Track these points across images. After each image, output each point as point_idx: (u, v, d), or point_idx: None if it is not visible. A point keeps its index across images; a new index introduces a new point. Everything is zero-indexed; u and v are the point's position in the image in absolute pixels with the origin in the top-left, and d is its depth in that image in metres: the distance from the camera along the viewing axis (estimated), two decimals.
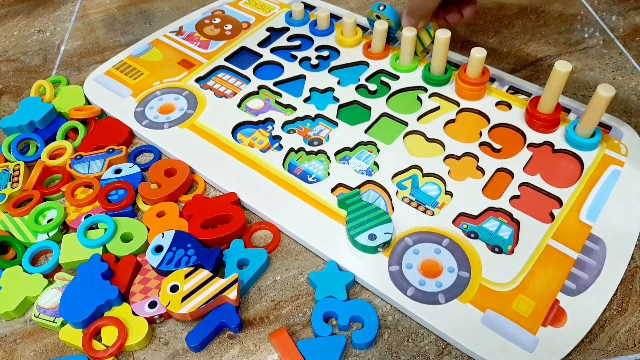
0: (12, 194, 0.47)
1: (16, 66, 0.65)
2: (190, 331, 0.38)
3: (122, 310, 0.40)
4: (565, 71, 0.45)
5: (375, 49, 0.58)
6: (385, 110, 0.53)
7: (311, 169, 0.49)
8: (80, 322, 0.38)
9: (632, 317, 0.38)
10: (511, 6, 0.68)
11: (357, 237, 0.41)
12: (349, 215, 0.43)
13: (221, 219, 0.45)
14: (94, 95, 0.57)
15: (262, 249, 0.43)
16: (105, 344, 0.38)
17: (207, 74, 0.59)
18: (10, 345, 0.40)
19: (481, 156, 0.48)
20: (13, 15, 0.74)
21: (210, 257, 0.41)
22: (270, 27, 0.64)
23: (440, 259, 0.41)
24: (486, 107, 0.52)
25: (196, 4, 0.71)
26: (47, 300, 0.41)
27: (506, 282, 0.39)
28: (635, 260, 0.42)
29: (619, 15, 0.65)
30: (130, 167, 0.49)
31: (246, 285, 0.41)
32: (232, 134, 0.52)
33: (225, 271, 0.41)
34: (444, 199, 0.46)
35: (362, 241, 0.41)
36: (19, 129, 0.53)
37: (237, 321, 0.38)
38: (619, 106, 0.53)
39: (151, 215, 0.45)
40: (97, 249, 0.43)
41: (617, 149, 0.48)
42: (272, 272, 0.43)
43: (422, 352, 0.38)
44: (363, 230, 0.41)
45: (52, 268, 0.43)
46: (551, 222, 0.43)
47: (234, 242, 0.43)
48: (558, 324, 0.37)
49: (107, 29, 0.69)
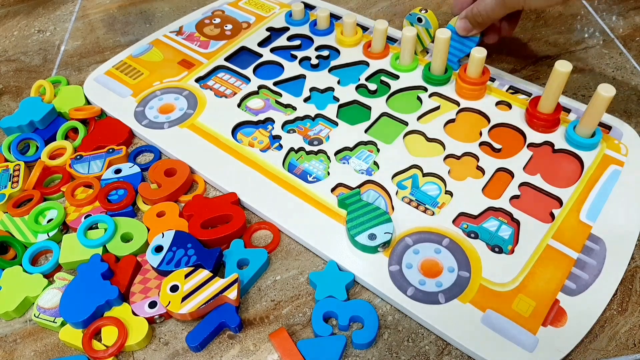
0: (12, 194, 0.47)
1: (16, 66, 0.65)
2: (190, 331, 0.38)
3: (122, 310, 0.40)
4: (565, 71, 0.45)
5: (375, 48, 0.58)
6: (385, 110, 0.53)
7: (311, 168, 0.49)
8: (80, 322, 0.38)
9: (632, 317, 0.38)
10: None
11: (357, 237, 0.41)
12: (348, 215, 0.43)
13: (221, 219, 0.45)
14: (94, 95, 0.57)
15: (262, 249, 0.43)
16: (105, 344, 0.38)
17: (207, 74, 0.59)
18: (10, 345, 0.40)
19: (481, 156, 0.48)
20: (13, 15, 0.74)
21: (210, 257, 0.41)
22: (270, 27, 0.64)
23: (440, 259, 0.41)
24: (486, 107, 0.52)
25: (196, 4, 0.71)
26: (47, 300, 0.41)
27: (506, 282, 0.39)
28: (635, 260, 0.42)
29: (619, 15, 0.65)
30: (130, 167, 0.49)
31: (246, 285, 0.41)
32: (232, 134, 0.52)
33: (225, 271, 0.41)
34: (444, 198, 0.46)
35: (362, 241, 0.41)
36: (19, 129, 0.53)
37: (237, 321, 0.38)
38: (619, 106, 0.53)
39: (151, 215, 0.45)
40: (97, 249, 0.43)
41: (617, 149, 0.48)
42: (272, 272, 0.43)
43: (422, 352, 0.38)
44: (363, 230, 0.41)
45: (52, 268, 0.43)
46: (551, 222, 0.43)
47: (234, 242, 0.43)
48: (558, 324, 0.37)
49: (107, 29, 0.69)
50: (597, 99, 0.44)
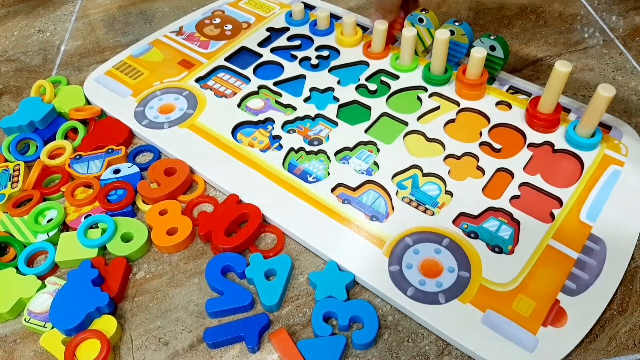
0: (12, 194, 0.47)
1: (16, 66, 0.65)
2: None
3: (107, 323, 0.39)
4: (565, 71, 0.45)
5: (375, 48, 0.58)
6: (385, 110, 0.53)
7: (311, 168, 0.49)
8: (70, 329, 0.38)
9: (632, 317, 0.38)
10: (511, 6, 0.68)
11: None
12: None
13: (237, 220, 0.44)
14: (94, 95, 0.57)
15: (284, 255, 0.42)
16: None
17: (207, 74, 0.59)
18: (10, 345, 0.40)
19: (481, 156, 0.48)
20: (13, 15, 0.73)
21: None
22: (270, 27, 0.64)
23: (441, 259, 0.41)
24: (486, 107, 0.52)
25: (196, 4, 0.71)
26: (37, 305, 0.40)
27: (506, 282, 0.39)
28: (635, 260, 0.42)
29: (619, 15, 0.65)
30: (129, 167, 0.49)
31: (282, 294, 0.40)
32: (232, 134, 0.52)
33: (256, 286, 0.40)
34: (444, 198, 0.46)
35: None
36: (19, 129, 0.53)
37: (255, 342, 0.38)
38: (619, 106, 0.53)
39: (153, 213, 0.45)
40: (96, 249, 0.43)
41: (617, 149, 0.48)
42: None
43: (422, 352, 0.38)
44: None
45: (48, 269, 0.43)
46: (551, 222, 0.43)
47: (252, 257, 0.42)
48: (558, 324, 0.37)
49: (107, 29, 0.69)
50: (597, 99, 0.44)
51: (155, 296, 0.42)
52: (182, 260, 0.44)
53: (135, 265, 0.44)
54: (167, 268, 0.43)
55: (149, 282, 0.43)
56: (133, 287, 0.42)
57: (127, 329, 0.40)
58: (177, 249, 0.44)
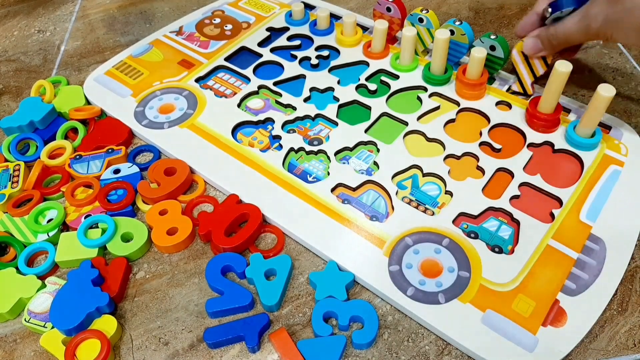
0: (12, 194, 0.47)
1: (16, 66, 0.65)
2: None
3: (107, 323, 0.39)
4: (565, 71, 0.45)
5: (375, 48, 0.58)
6: (385, 110, 0.53)
7: (311, 168, 0.49)
8: (71, 329, 0.38)
9: (632, 317, 0.38)
10: (511, 6, 0.68)
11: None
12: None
13: (237, 220, 0.44)
14: (94, 95, 0.57)
15: (284, 255, 0.42)
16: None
17: (207, 74, 0.59)
18: (10, 345, 0.40)
19: (481, 156, 0.48)
20: (13, 15, 0.74)
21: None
22: (270, 27, 0.64)
23: (440, 259, 0.41)
24: (486, 107, 0.52)
25: (196, 4, 0.71)
26: (37, 305, 0.40)
27: (506, 282, 0.39)
28: (635, 260, 0.42)
29: None
30: (129, 167, 0.49)
31: (282, 293, 0.40)
32: (232, 134, 0.52)
33: (256, 286, 0.40)
34: (444, 198, 0.46)
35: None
36: (19, 129, 0.53)
37: (255, 342, 0.38)
38: (619, 106, 0.53)
39: (153, 213, 0.45)
40: (96, 249, 0.43)
41: (617, 149, 0.48)
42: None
43: (422, 352, 0.38)
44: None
45: (48, 269, 0.43)
46: (551, 222, 0.43)
47: (252, 257, 0.42)
48: (558, 324, 0.37)
49: (107, 29, 0.69)
50: (597, 99, 0.44)
51: (155, 296, 0.42)
52: (182, 260, 0.44)
53: (136, 265, 0.44)
54: (167, 268, 0.43)
55: (149, 282, 0.43)
56: (133, 287, 0.42)
57: (127, 329, 0.40)
58: (177, 249, 0.44)
